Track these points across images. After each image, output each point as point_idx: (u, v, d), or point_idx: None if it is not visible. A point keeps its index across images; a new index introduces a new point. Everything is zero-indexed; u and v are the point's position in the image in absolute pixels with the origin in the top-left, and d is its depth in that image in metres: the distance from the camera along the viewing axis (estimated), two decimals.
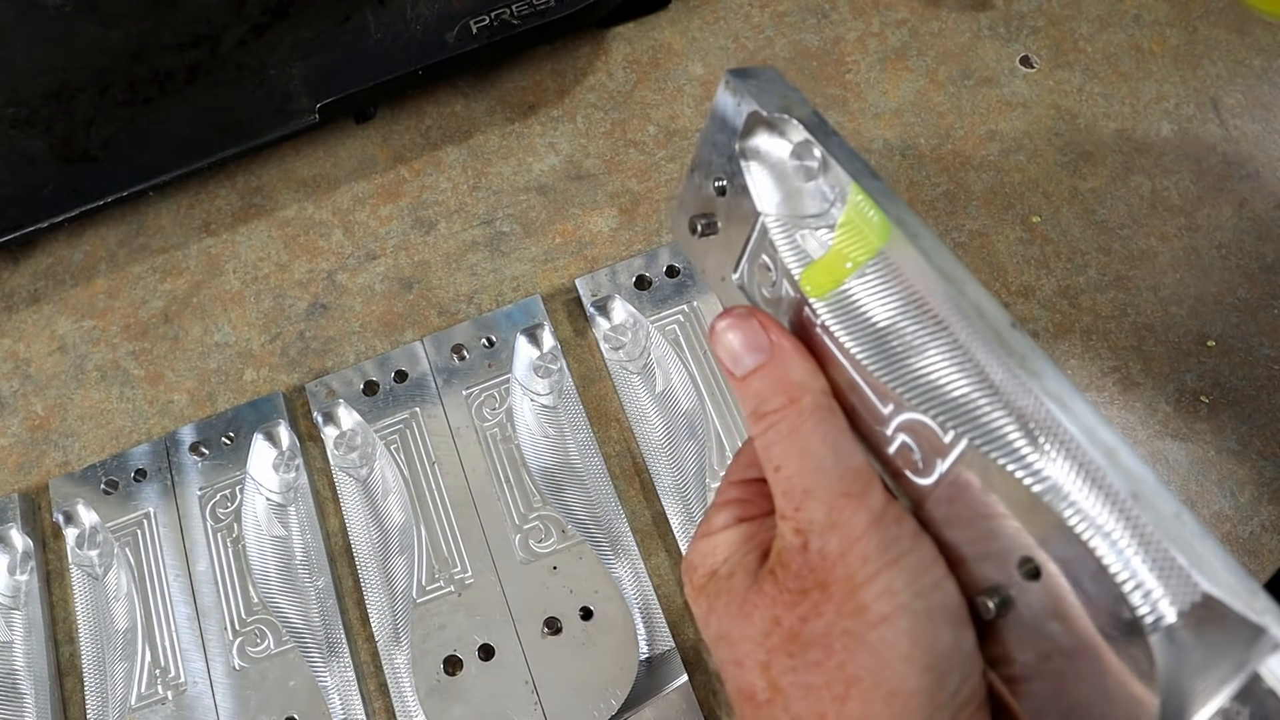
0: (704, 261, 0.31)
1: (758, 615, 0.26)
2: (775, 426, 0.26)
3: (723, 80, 0.28)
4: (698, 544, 0.29)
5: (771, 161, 0.28)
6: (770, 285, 0.28)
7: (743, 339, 0.27)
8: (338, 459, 0.46)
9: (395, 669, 0.43)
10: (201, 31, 0.53)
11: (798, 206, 0.28)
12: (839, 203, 0.27)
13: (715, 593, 0.27)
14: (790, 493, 0.25)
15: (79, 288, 0.53)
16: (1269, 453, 0.45)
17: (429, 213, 0.53)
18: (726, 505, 0.29)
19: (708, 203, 0.30)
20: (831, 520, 0.25)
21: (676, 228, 0.31)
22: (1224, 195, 0.50)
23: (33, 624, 0.45)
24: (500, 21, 0.51)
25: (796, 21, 0.56)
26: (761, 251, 0.28)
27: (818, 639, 0.25)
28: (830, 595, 0.24)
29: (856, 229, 0.26)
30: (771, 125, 0.28)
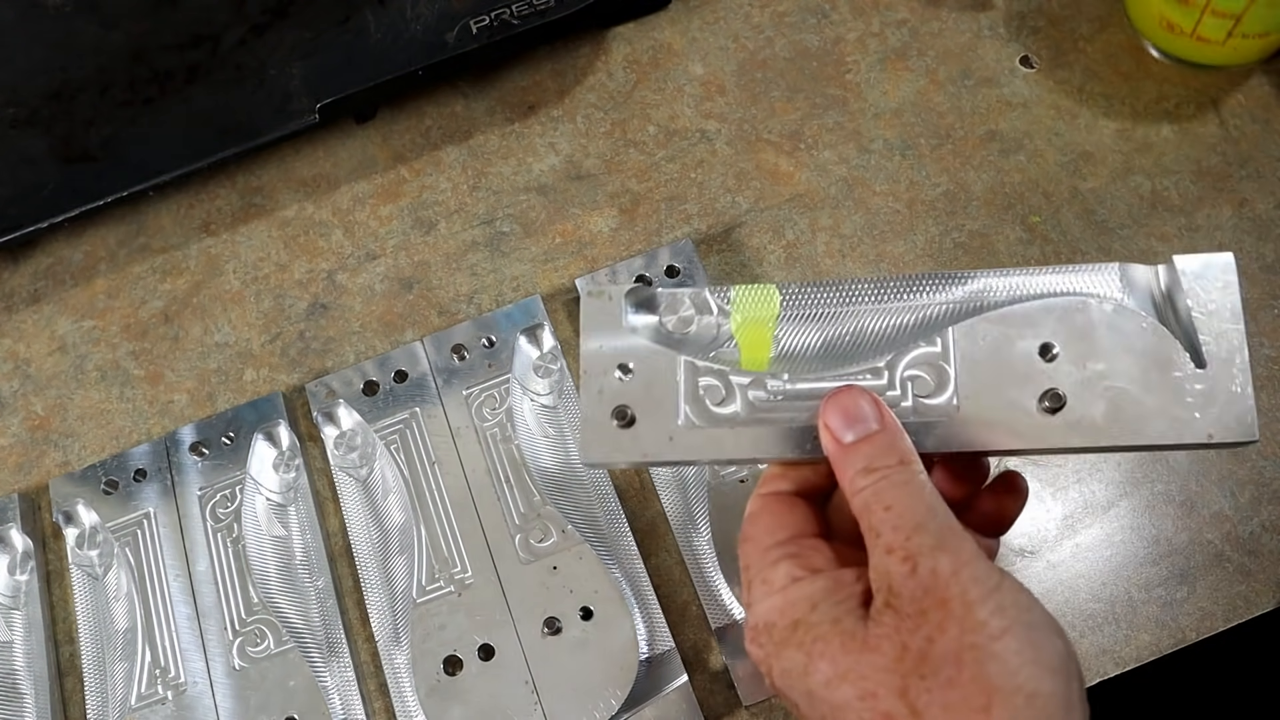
0: (636, 448, 0.33)
1: (885, 645, 0.27)
2: (889, 477, 0.29)
3: (582, 293, 0.34)
4: (767, 602, 0.30)
5: (656, 322, 0.34)
6: (721, 397, 0.33)
7: (858, 411, 0.31)
8: (338, 459, 0.46)
9: (395, 669, 0.43)
10: (201, 31, 0.53)
11: (698, 340, 0.34)
12: (724, 314, 0.34)
13: (816, 638, 0.28)
14: (901, 526, 0.28)
15: (79, 288, 0.53)
16: (1269, 453, 0.45)
17: (429, 213, 0.53)
18: (780, 562, 0.30)
19: (614, 397, 0.33)
20: (941, 543, 0.27)
21: (591, 445, 0.33)
22: (1224, 195, 0.50)
23: (33, 624, 0.45)
24: (500, 21, 0.51)
25: (796, 21, 0.56)
26: (698, 384, 0.33)
27: (948, 657, 0.26)
28: (950, 611, 0.26)
29: (753, 310, 0.34)
30: (645, 297, 0.34)
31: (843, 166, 0.52)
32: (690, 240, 0.50)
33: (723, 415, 0.33)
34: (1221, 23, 0.48)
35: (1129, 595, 0.43)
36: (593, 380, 0.34)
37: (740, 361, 0.33)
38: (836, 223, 0.51)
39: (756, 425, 0.32)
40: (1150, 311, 0.31)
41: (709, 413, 0.33)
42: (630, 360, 0.34)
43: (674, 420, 0.33)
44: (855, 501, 0.29)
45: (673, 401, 0.33)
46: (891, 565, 0.28)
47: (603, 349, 0.34)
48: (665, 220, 0.52)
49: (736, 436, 0.33)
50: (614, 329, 0.34)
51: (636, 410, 0.33)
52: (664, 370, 0.33)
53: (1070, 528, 0.45)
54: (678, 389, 0.33)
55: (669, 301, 0.34)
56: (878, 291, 0.33)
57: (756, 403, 0.33)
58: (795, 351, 0.33)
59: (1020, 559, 0.44)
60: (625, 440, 0.33)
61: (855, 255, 0.50)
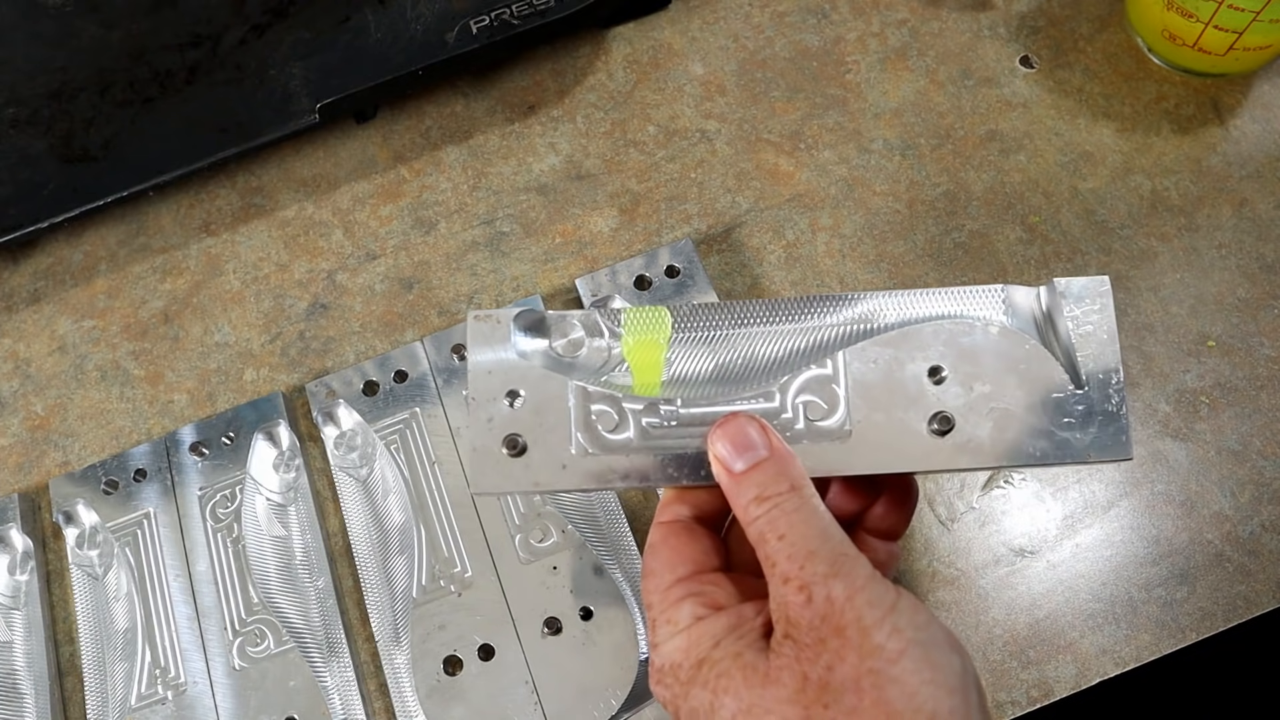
0: (527, 477, 0.32)
1: (785, 676, 0.27)
2: (780, 505, 0.29)
3: (471, 316, 0.34)
4: (671, 642, 0.30)
5: (546, 347, 0.34)
6: (614, 424, 0.32)
7: (745, 438, 0.31)
8: (338, 459, 0.46)
9: (395, 669, 0.43)
10: (201, 31, 0.53)
11: (590, 364, 0.33)
12: (615, 336, 0.33)
13: (720, 675, 0.28)
14: (794, 555, 0.28)
15: (79, 288, 0.53)
16: (1269, 453, 0.45)
17: (429, 213, 0.53)
18: (683, 601, 0.30)
19: (504, 425, 0.33)
20: (834, 569, 0.28)
21: (481, 475, 0.33)
22: (1224, 195, 0.50)
23: (33, 624, 0.45)
24: (500, 21, 0.51)
25: (796, 21, 0.56)
26: (590, 410, 0.33)
27: (848, 684, 0.26)
28: (847, 639, 0.26)
29: (644, 332, 0.33)
30: (534, 320, 0.34)
31: (843, 166, 0.52)
32: (690, 240, 0.50)
33: (616, 442, 0.32)
34: (1224, 36, 0.48)
35: (1129, 595, 0.43)
36: (481, 408, 0.33)
37: (633, 386, 0.33)
38: (837, 223, 0.51)
39: (650, 452, 0.32)
40: (1033, 333, 0.32)
41: (602, 439, 0.32)
42: (520, 387, 0.33)
43: (567, 448, 0.32)
44: (750, 531, 0.30)
45: (565, 429, 0.33)
46: (788, 595, 0.28)
47: (491, 375, 0.33)
48: (665, 220, 0.52)
49: (631, 463, 0.32)
50: (502, 354, 0.33)
51: (528, 438, 0.32)
52: (555, 396, 0.33)
53: (1070, 528, 0.45)
54: (569, 415, 0.33)
55: (558, 324, 0.34)
56: (769, 313, 0.33)
57: (649, 429, 0.32)
58: (687, 375, 0.33)
59: (1020, 559, 0.44)
60: (517, 469, 0.32)
61: (855, 255, 0.50)
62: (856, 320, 0.33)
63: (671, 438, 0.32)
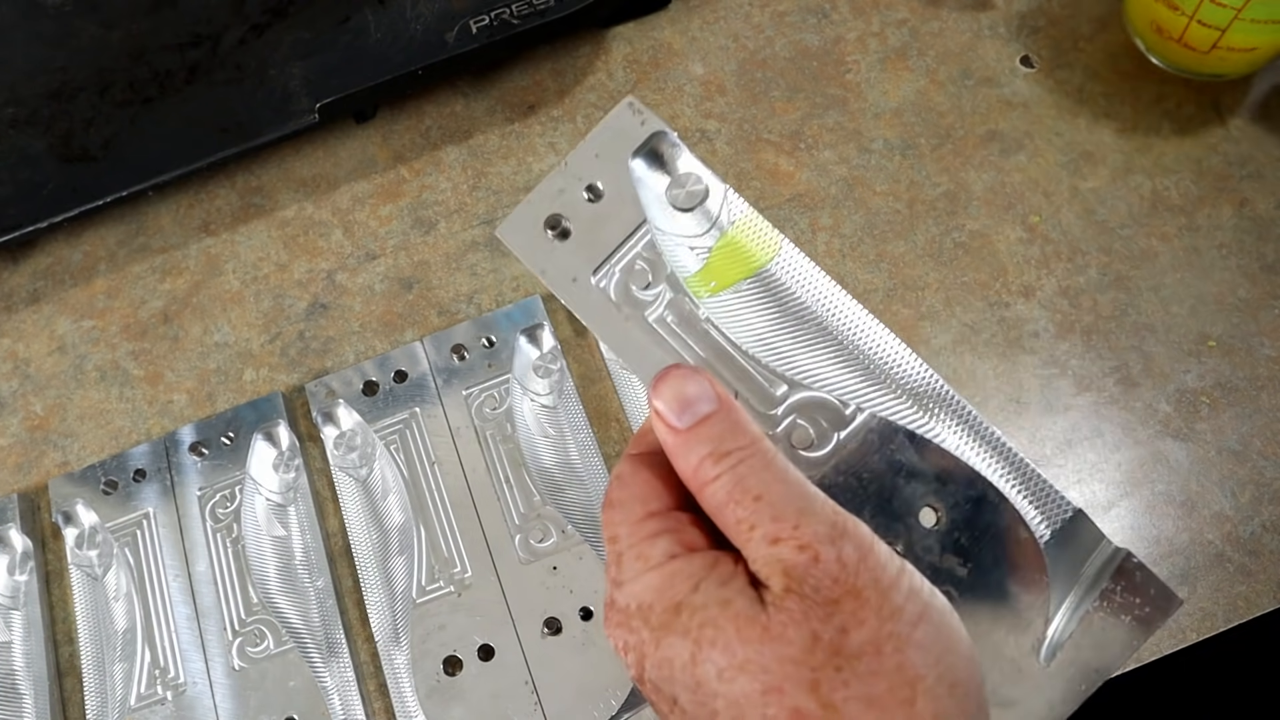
0: (546, 262, 0.31)
1: (791, 633, 0.24)
2: (746, 461, 0.26)
3: (626, 101, 0.32)
4: (642, 580, 0.27)
5: (658, 179, 0.31)
6: (643, 286, 0.31)
7: (694, 390, 0.27)
8: (337, 459, 0.46)
9: (395, 669, 0.43)
10: (201, 31, 0.53)
11: (678, 224, 0.31)
12: (717, 226, 0.31)
13: (704, 623, 0.25)
14: (782, 515, 0.25)
15: (79, 288, 0.53)
16: (1269, 453, 0.45)
17: (429, 213, 0.53)
18: (657, 536, 0.27)
19: (565, 206, 0.31)
20: (838, 530, 0.25)
21: (516, 227, 0.31)
22: (1224, 195, 0.50)
23: (32, 624, 0.45)
24: (500, 21, 0.51)
25: (796, 21, 0.56)
26: (638, 257, 0.31)
27: (865, 647, 0.24)
28: (865, 601, 0.24)
29: (745, 243, 0.31)
30: (669, 147, 0.31)
31: (843, 166, 0.52)
32: None
33: (634, 298, 0.31)
34: (1208, 33, 0.48)
35: None
36: (562, 178, 0.31)
37: (688, 275, 0.31)
38: (837, 222, 0.51)
39: (649, 334, 0.31)
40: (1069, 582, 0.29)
41: (625, 289, 0.31)
42: (607, 190, 0.31)
43: (588, 269, 0.31)
44: (707, 494, 0.26)
45: (604, 254, 0.31)
46: (785, 554, 0.25)
47: (598, 159, 0.31)
48: None
49: (626, 328, 0.31)
50: (622, 152, 0.31)
51: (573, 232, 0.31)
52: (624, 222, 0.31)
53: None
54: (619, 248, 0.31)
55: (687, 177, 0.31)
56: (858, 333, 0.30)
57: (666, 317, 0.31)
58: (736, 309, 0.31)
59: None
60: (539, 244, 0.31)
61: (855, 255, 0.50)
62: (920, 404, 0.30)
63: (674, 340, 0.31)
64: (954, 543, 0.28)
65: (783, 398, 0.30)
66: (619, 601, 0.27)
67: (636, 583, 0.27)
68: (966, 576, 0.28)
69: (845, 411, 0.30)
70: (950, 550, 0.28)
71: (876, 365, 0.30)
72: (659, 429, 0.28)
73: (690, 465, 0.27)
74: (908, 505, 0.29)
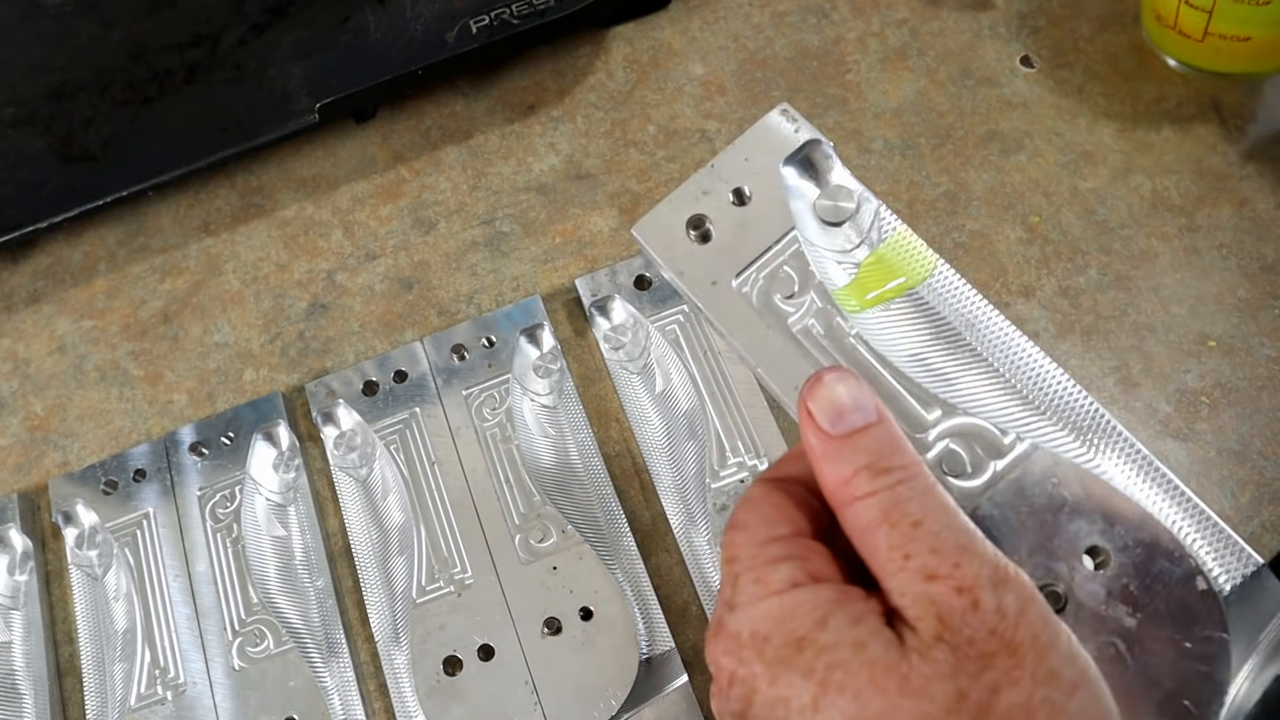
0: (684, 264, 0.30)
1: (935, 689, 0.22)
2: (908, 482, 0.24)
3: (780, 107, 0.31)
4: (760, 606, 0.24)
5: (809, 189, 0.30)
6: (788, 295, 0.29)
7: (853, 396, 0.25)
8: (337, 459, 0.46)
9: (395, 669, 0.43)
10: (201, 31, 0.53)
11: (826, 237, 0.29)
12: (866, 243, 0.29)
13: (831, 665, 0.23)
14: (942, 549, 0.23)
15: (79, 288, 0.53)
16: (1269, 453, 0.45)
17: (429, 213, 0.53)
18: (780, 562, 0.25)
19: (709, 207, 0.30)
20: (1000, 576, 0.23)
21: (654, 226, 0.30)
22: (1224, 195, 0.50)
23: (32, 624, 0.45)
24: (500, 21, 0.51)
25: (797, 21, 0.56)
26: (783, 264, 0.30)
27: (1016, 712, 0.22)
28: (1022, 660, 0.22)
29: (896, 262, 0.29)
30: (823, 157, 0.30)
31: None
32: None
33: (777, 310, 0.29)
34: (1197, 16, 0.48)
35: None
36: (708, 179, 0.30)
37: (836, 288, 0.29)
38: None
39: (791, 344, 0.29)
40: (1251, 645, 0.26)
41: (767, 298, 0.30)
42: (755, 195, 0.30)
43: (730, 274, 0.30)
44: (858, 510, 0.24)
45: (748, 259, 0.30)
46: (940, 594, 0.23)
47: (747, 163, 0.30)
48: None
49: (767, 338, 0.29)
50: (771, 157, 0.30)
51: (715, 235, 0.30)
52: (771, 228, 0.30)
53: None
54: (763, 253, 0.30)
55: (838, 190, 0.29)
56: (1022, 359, 0.28)
57: (811, 328, 0.29)
58: (886, 329, 0.29)
59: None
60: (678, 245, 0.30)
61: None
62: (1083, 437, 0.27)
63: (819, 353, 0.29)
64: (1122, 589, 0.25)
65: (935, 422, 0.28)
66: (729, 626, 0.25)
67: (753, 608, 0.24)
68: (1135, 628, 0.25)
69: (1003, 440, 0.27)
70: (1118, 598, 0.25)
71: (1036, 393, 0.28)
72: (807, 434, 0.25)
73: (841, 476, 0.24)
74: (1070, 545, 0.26)
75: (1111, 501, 0.26)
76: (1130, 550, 0.26)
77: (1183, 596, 0.25)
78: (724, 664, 0.24)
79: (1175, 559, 0.25)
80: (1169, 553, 0.25)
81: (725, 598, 0.25)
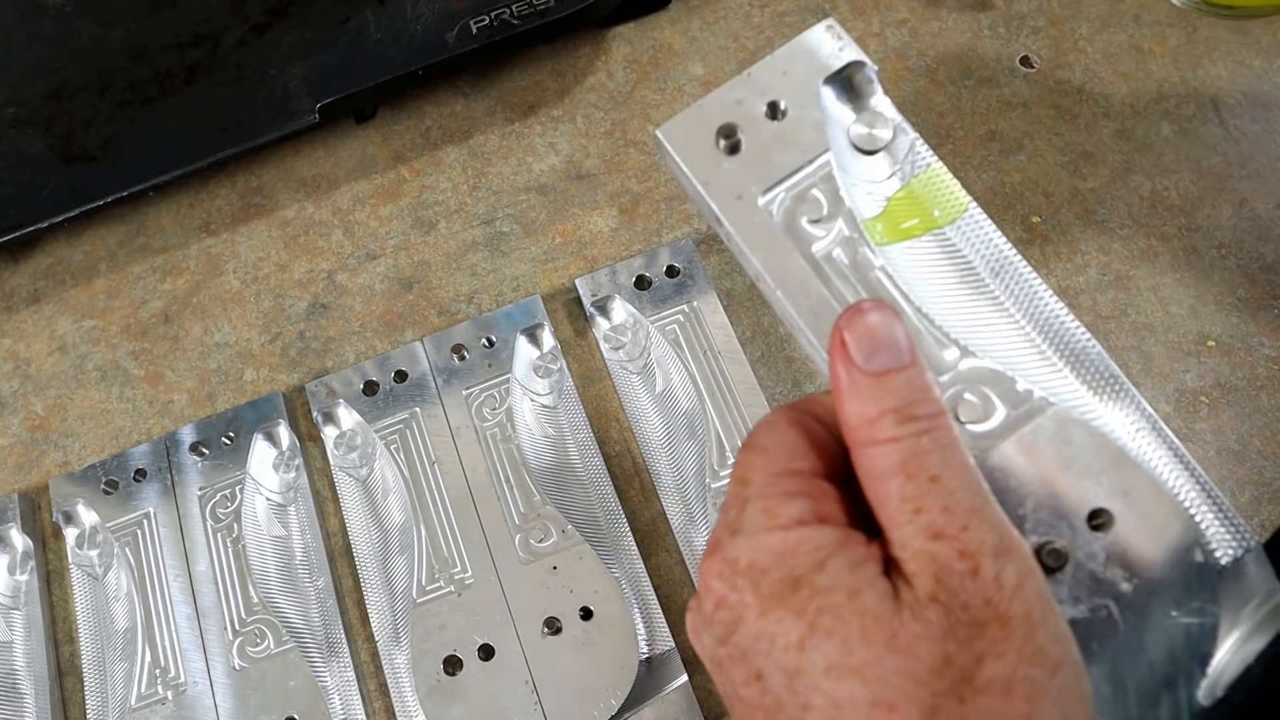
0: (710, 173, 0.29)
1: (922, 649, 0.22)
2: (932, 433, 0.23)
3: (826, 22, 0.29)
4: (764, 538, 0.23)
5: (846, 113, 0.29)
6: (815, 219, 0.28)
7: (891, 333, 0.24)
8: (338, 459, 0.46)
9: (395, 669, 0.43)
10: (201, 31, 0.53)
11: (859, 164, 0.28)
12: (899, 175, 0.28)
13: (823, 610, 0.22)
14: (954, 508, 0.22)
15: (79, 288, 0.53)
16: (1269, 453, 0.45)
17: (429, 213, 0.53)
18: (794, 496, 0.24)
19: (742, 118, 0.29)
20: (1005, 545, 0.22)
21: (681, 131, 0.29)
22: (1224, 195, 0.50)
23: (32, 624, 0.45)
24: (500, 21, 0.51)
25: (797, 21, 0.56)
26: (813, 186, 0.28)
27: (995, 684, 0.21)
28: (1011, 633, 0.22)
29: (928, 199, 0.28)
30: (865, 81, 0.29)
31: None
32: (690, 240, 0.50)
33: (801, 233, 0.28)
34: None
35: None
36: (744, 88, 0.29)
37: (864, 221, 0.28)
38: None
39: (813, 269, 0.28)
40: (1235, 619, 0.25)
41: (792, 219, 0.28)
42: (791, 110, 0.29)
43: (757, 190, 0.28)
44: (876, 454, 0.23)
45: (777, 177, 0.28)
46: (942, 554, 0.22)
47: (785, 76, 0.29)
48: (665, 220, 0.52)
49: (787, 259, 0.28)
50: (812, 73, 0.29)
51: (744, 146, 0.29)
52: (803, 148, 0.29)
53: None
54: (794, 172, 0.29)
55: (877, 117, 0.29)
56: (1045, 313, 0.28)
57: (836, 257, 0.28)
58: (912, 266, 0.28)
59: None
60: (704, 154, 0.29)
61: None
62: (1098, 395, 0.27)
63: (841, 282, 0.28)
64: (1121, 554, 0.25)
65: (952, 365, 0.27)
66: (728, 550, 0.24)
67: (754, 539, 0.24)
68: (1130, 593, 0.25)
69: (1018, 391, 0.27)
70: (1116, 561, 0.25)
71: (1056, 347, 0.27)
72: (836, 364, 0.24)
73: (866, 415, 0.23)
74: (1075, 505, 0.25)
75: (1120, 465, 0.26)
76: (1134, 516, 0.25)
77: (1179, 566, 0.25)
78: (714, 586, 0.24)
79: (1177, 528, 0.25)
80: (1171, 522, 0.25)
81: (729, 519, 0.25)
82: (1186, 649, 0.25)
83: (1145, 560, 0.25)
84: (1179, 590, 0.25)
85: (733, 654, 0.24)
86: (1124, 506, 0.25)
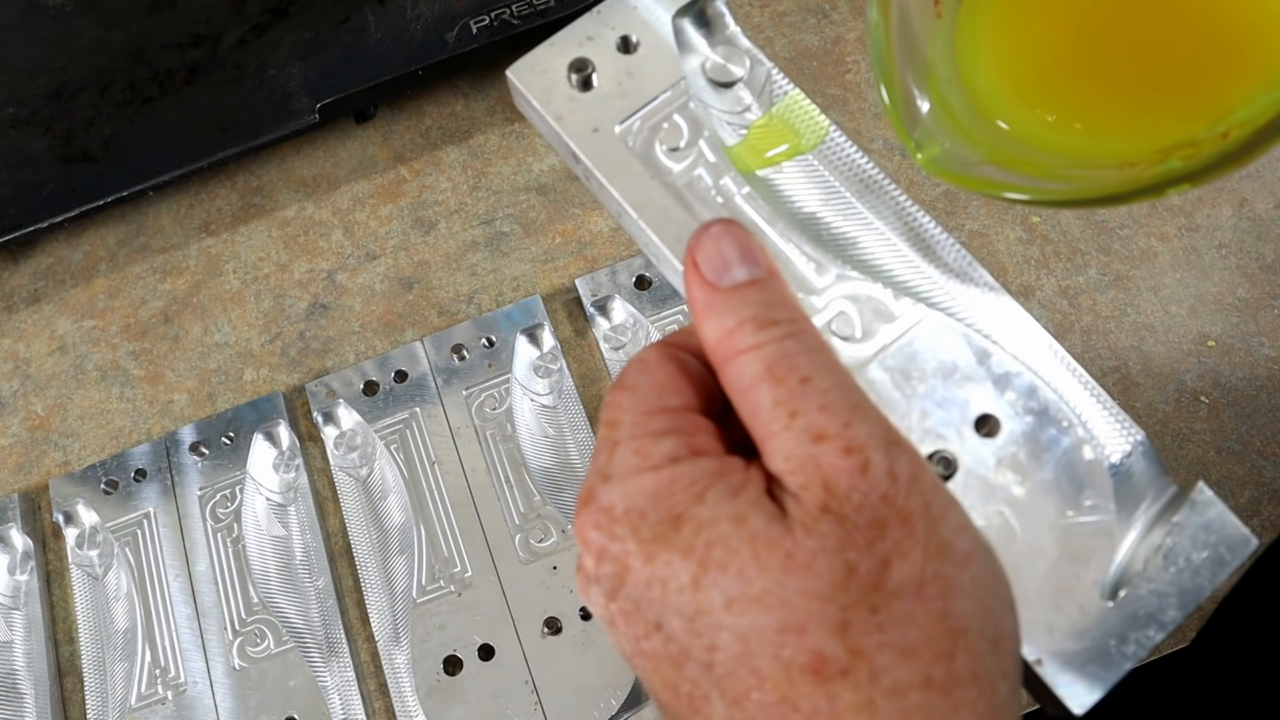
0: (563, 109, 0.29)
1: (821, 563, 0.20)
2: (797, 336, 0.22)
3: None
4: (637, 480, 0.22)
5: (700, 45, 0.29)
6: (673, 148, 0.28)
7: (742, 248, 0.23)
8: (338, 459, 0.46)
9: (395, 669, 0.43)
10: (201, 31, 0.53)
11: (716, 96, 0.29)
12: (759, 105, 0.29)
13: (712, 543, 0.21)
14: (831, 406, 0.21)
15: (79, 288, 0.53)
16: (1269, 453, 0.45)
17: (429, 213, 0.53)
18: (664, 435, 0.23)
19: (595, 54, 0.29)
20: (893, 437, 0.21)
21: (532, 69, 0.29)
22: (1224, 195, 0.50)
23: (33, 624, 0.45)
24: (500, 21, 0.51)
25: (796, 21, 0.56)
26: (671, 114, 0.29)
27: (906, 586, 0.20)
28: (913, 530, 0.20)
29: (789, 126, 0.28)
30: (717, 14, 0.29)
31: None
32: None
33: (659, 161, 0.28)
34: None
35: None
36: (597, 26, 0.29)
37: (727, 149, 0.28)
38: None
39: (674, 198, 0.28)
40: (1127, 506, 0.25)
41: (649, 147, 0.28)
42: (643, 42, 0.29)
43: (613, 121, 0.28)
44: (740, 364, 0.22)
45: (633, 109, 0.28)
46: (827, 456, 0.21)
47: (635, 11, 0.29)
48: None
49: (648, 188, 0.28)
50: (663, 6, 0.29)
51: (597, 81, 0.29)
52: (658, 76, 0.29)
53: None
54: (649, 102, 0.29)
55: (733, 51, 0.29)
56: (915, 227, 0.28)
57: (695, 182, 0.28)
58: (778, 192, 0.28)
59: None
60: (558, 89, 0.29)
61: None
62: (974, 306, 0.27)
63: (703, 206, 0.28)
64: (1010, 457, 0.25)
65: (825, 286, 0.27)
66: (602, 499, 0.22)
67: (628, 482, 0.22)
68: (1023, 497, 0.25)
69: (893, 306, 0.27)
70: (1007, 466, 0.25)
71: (928, 259, 0.28)
72: (691, 285, 0.23)
73: (724, 328, 0.22)
74: (960, 412, 0.25)
75: (1002, 369, 0.26)
76: (1019, 418, 0.25)
77: (1070, 465, 0.25)
78: (593, 539, 0.22)
79: (1063, 428, 0.25)
80: (1057, 422, 0.25)
81: (599, 465, 0.23)
82: (1086, 549, 0.25)
83: (1035, 463, 0.25)
84: (1072, 490, 0.25)
85: (625, 608, 0.22)
86: (1008, 410, 0.25)
